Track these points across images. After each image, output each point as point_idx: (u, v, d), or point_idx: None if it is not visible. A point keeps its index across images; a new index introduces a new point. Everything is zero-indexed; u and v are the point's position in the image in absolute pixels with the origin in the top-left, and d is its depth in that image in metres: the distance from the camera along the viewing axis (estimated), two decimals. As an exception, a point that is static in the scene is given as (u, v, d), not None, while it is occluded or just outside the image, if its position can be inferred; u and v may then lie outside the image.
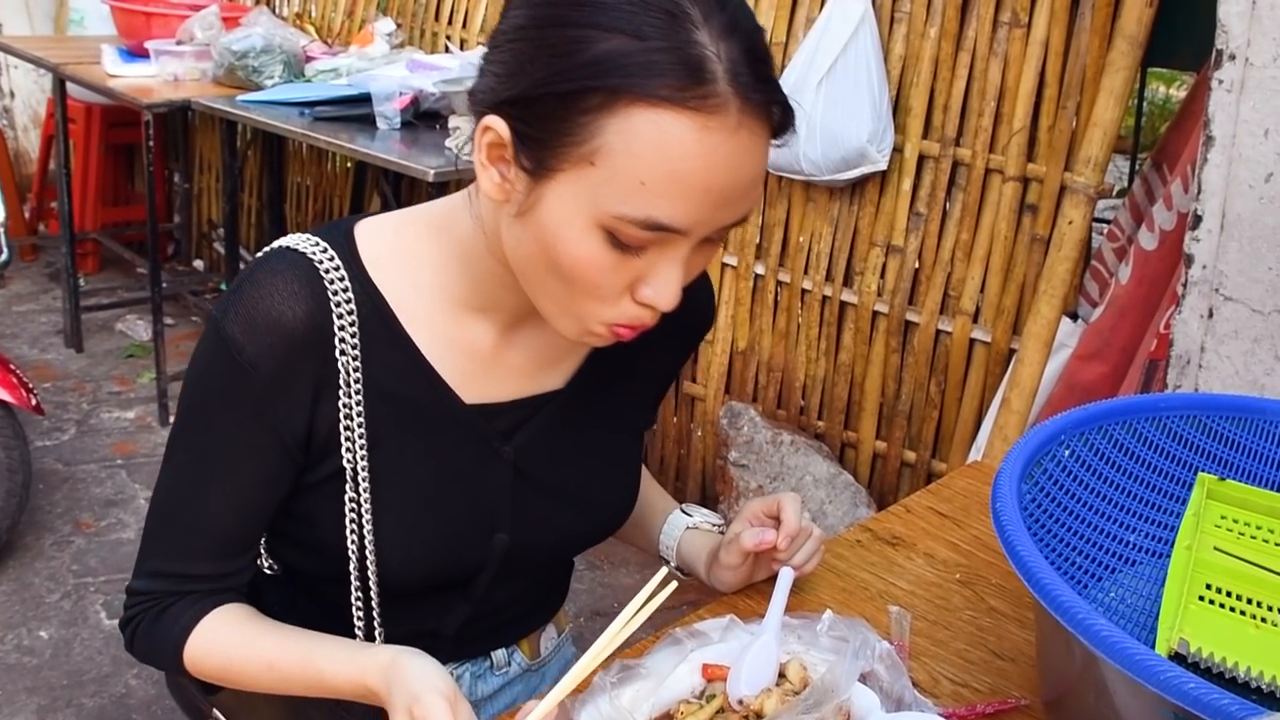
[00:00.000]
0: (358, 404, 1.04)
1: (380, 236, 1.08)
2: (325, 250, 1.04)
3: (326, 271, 1.02)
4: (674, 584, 1.00)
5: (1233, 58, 1.91)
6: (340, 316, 1.02)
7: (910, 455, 2.84)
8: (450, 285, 1.07)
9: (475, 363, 1.09)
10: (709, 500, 3.24)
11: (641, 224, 0.89)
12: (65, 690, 2.60)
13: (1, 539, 2.96)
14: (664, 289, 0.94)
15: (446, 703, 0.91)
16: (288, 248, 1.04)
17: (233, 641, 1.06)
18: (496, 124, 0.93)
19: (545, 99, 0.89)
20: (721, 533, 1.28)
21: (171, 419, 1.10)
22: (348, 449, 1.05)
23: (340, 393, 1.04)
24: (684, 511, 1.32)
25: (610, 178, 0.88)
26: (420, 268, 1.07)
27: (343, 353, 1.03)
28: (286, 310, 1.00)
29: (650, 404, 1.28)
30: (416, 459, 1.08)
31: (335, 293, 1.02)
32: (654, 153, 0.87)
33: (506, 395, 1.12)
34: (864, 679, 1.03)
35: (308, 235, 1.05)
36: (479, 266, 1.05)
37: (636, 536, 1.36)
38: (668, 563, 1.31)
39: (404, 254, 1.07)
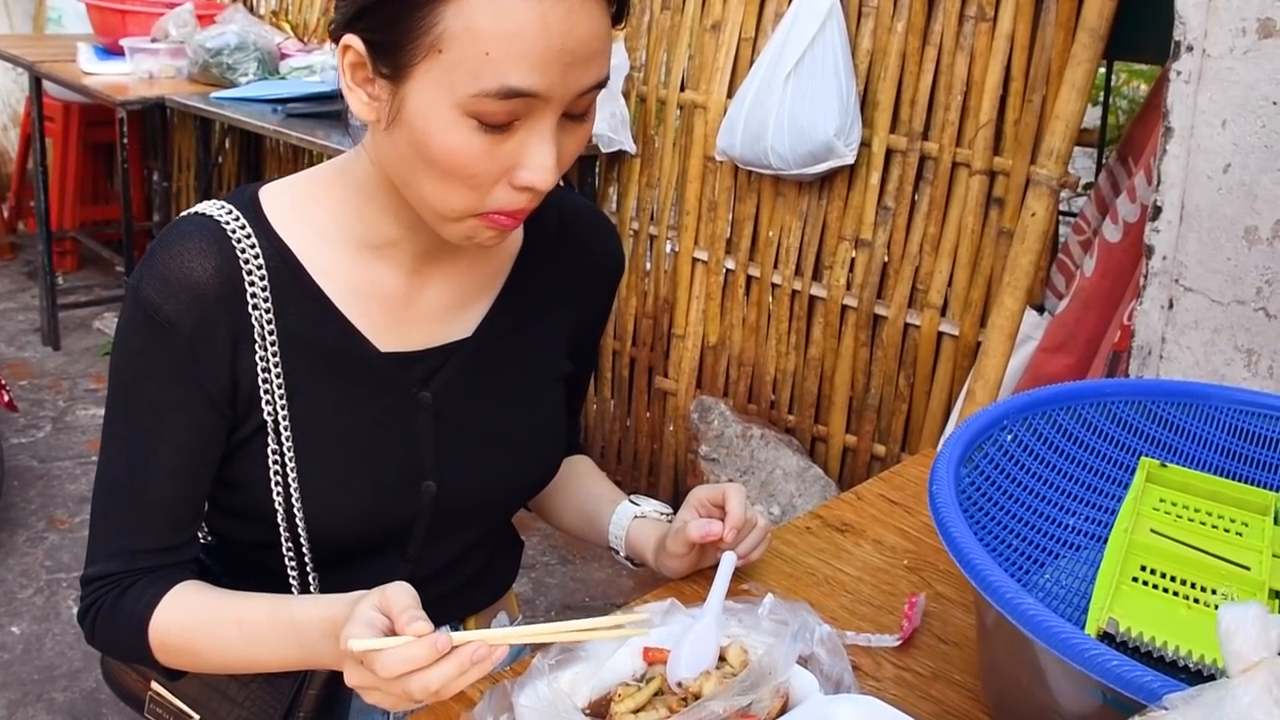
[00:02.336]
0: (274, 356, 1.08)
1: (282, 194, 1.13)
2: (230, 211, 1.08)
3: (233, 231, 1.07)
4: (649, 632, 1.03)
5: (1190, 49, 1.92)
6: (249, 271, 1.06)
7: (880, 449, 2.85)
8: (349, 227, 1.11)
9: (386, 310, 1.13)
10: (680, 494, 3.25)
11: (498, 94, 0.93)
12: (36, 685, 2.60)
13: (-26, 536, 2.97)
14: (539, 167, 0.98)
15: (409, 591, 0.94)
16: (194, 213, 1.08)
17: (198, 606, 1.08)
18: (353, 42, 0.98)
19: (386, 1, 0.94)
20: (669, 521, 1.29)
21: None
22: (268, 401, 1.09)
23: (256, 346, 1.07)
24: (632, 501, 1.33)
25: (460, 58, 0.92)
26: (321, 216, 1.11)
27: (255, 307, 1.07)
28: (196, 267, 1.04)
29: (566, 352, 1.29)
30: (336, 407, 1.11)
31: (243, 249, 1.06)
32: (491, 24, 0.91)
33: (419, 344, 1.16)
34: (804, 662, 1.04)
35: (213, 201, 1.10)
36: (375, 202, 1.09)
37: (587, 530, 1.37)
38: (616, 553, 1.32)
39: (304, 205, 1.12)
